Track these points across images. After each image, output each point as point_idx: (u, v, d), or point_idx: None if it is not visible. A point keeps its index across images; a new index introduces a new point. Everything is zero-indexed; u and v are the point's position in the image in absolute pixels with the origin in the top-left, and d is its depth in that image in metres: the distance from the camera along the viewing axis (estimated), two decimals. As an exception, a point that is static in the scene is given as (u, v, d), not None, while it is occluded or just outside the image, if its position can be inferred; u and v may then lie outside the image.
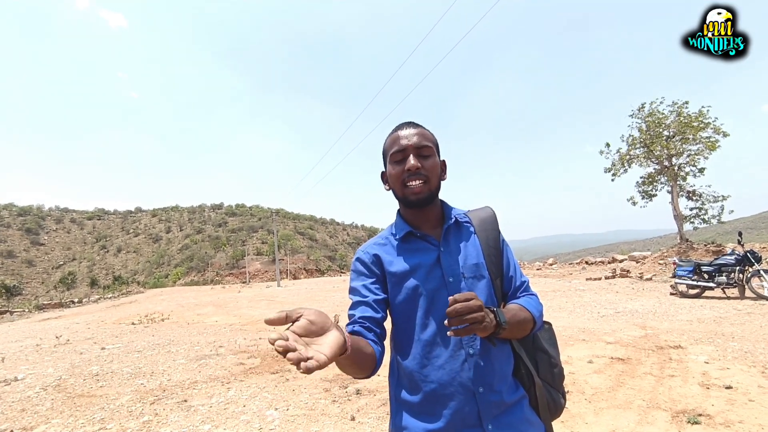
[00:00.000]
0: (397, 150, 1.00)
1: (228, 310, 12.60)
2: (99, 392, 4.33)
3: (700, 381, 3.44)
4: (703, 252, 13.16)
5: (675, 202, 15.04)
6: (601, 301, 8.43)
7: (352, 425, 3.07)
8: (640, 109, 15.80)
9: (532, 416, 0.98)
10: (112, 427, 3.32)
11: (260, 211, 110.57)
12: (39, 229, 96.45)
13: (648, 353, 4.38)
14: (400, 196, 1.03)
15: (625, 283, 11.44)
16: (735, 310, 6.52)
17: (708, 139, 14.14)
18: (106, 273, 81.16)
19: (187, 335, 8.00)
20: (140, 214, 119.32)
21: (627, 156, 15.97)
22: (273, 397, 3.85)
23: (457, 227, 1.08)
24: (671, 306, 7.34)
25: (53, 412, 3.79)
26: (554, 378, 1.06)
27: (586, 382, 3.64)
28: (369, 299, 0.98)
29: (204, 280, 55.94)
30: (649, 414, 2.88)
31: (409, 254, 1.02)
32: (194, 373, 4.88)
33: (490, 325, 0.80)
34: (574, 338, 5.29)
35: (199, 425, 3.24)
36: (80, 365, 5.72)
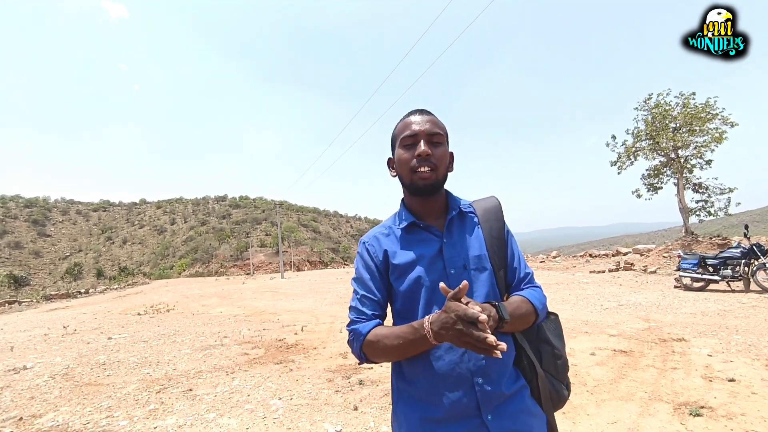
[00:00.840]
0: (408, 134, 0.99)
1: (232, 301, 12.72)
2: (106, 381, 4.40)
3: (702, 374, 3.44)
4: (708, 245, 13.07)
5: (681, 194, 14.90)
6: (605, 294, 8.42)
7: (355, 415, 3.11)
8: (646, 100, 15.59)
9: (534, 407, 0.97)
10: (119, 415, 3.38)
11: (264, 203, 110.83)
12: (45, 220, 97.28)
13: (651, 346, 4.37)
14: (408, 182, 1.01)
15: (629, 276, 11.41)
16: (740, 303, 6.49)
17: (715, 130, 13.95)
18: (111, 264, 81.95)
19: (192, 326, 8.09)
20: (145, 205, 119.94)
21: (633, 148, 15.81)
22: (277, 386, 3.89)
23: (461, 218, 1.07)
24: (675, 299, 7.31)
25: (61, 400, 3.86)
26: (558, 369, 1.05)
27: (588, 374, 3.64)
28: (377, 299, 1.02)
29: (208, 271, 56.36)
30: (650, 406, 2.88)
31: (412, 245, 1.02)
32: (199, 363, 4.94)
33: (493, 321, 0.81)
34: (577, 330, 5.30)
35: (204, 414, 3.29)
36: (87, 354, 5.81)
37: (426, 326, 0.83)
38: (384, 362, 0.98)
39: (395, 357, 0.96)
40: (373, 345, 0.94)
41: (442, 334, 0.79)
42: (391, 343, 0.91)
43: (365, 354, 0.98)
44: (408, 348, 0.90)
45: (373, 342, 0.94)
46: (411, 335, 0.87)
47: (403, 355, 0.93)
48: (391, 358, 0.96)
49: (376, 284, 1.02)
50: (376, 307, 1.01)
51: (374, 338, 0.94)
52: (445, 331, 0.78)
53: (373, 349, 0.95)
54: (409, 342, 0.88)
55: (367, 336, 0.95)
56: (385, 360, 0.97)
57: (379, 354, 0.95)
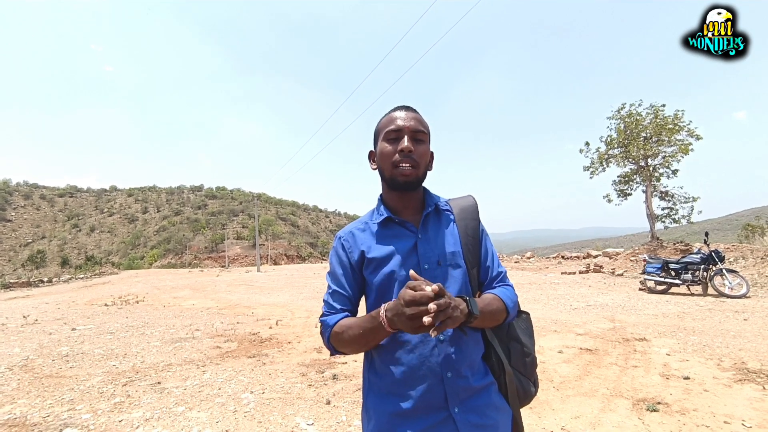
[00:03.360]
0: (393, 129, 1.00)
1: (206, 294, 12.43)
2: (68, 373, 4.23)
3: (660, 372, 3.63)
4: (672, 250, 13.72)
5: (648, 201, 15.58)
6: (575, 295, 8.72)
7: (327, 409, 3.11)
8: (619, 110, 16.23)
9: (500, 401, 1.01)
10: (82, 408, 3.26)
11: (241, 194, 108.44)
12: (6, 204, 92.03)
13: (615, 345, 4.58)
14: (388, 176, 1.02)
15: (598, 278, 11.85)
16: (697, 306, 6.87)
17: (682, 141, 14.66)
18: (78, 252, 78.37)
19: (163, 318, 7.87)
20: (115, 193, 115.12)
21: (605, 155, 16.41)
22: (249, 380, 3.85)
23: (437, 215, 1.08)
24: (639, 301, 7.66)
25: (19, 392, 3.69)
26: (526, 367, 1.08)
27: (555, 371, 3.78)
28: (348, 294, 1.04)
29: (181, 263, 54.80)
30: (611, 402, 3.03)
31: (387, 240, 1.03)
32: (169, 356, 4.82)
33: (462, 314, 0.83)
34: (547, 329, 5.47)
35: (172, 407, 3.22)
36: (49, 345, 5.57)
37: (382, 314, 0.85)
38: (352, 353, 0.99)
39: (360, 346, 0.96)
40: (339, 336, 0.96)
41: (395, 321, 0.81)
42: (354, 333, 0.93)
43: (333, 345, 1.00)
44: (369, 336, 0.91)
45: (338, 333, 0.97)
46: (370, 323, 0.89)
47: (366, 344, 0.95)
48: (356, 347, 0.97)
49: (348, 280, 1.04)
50: (345, 302, 1.03)
51: (340, 329, 0.97)
52: (396, 318, 0.80)
53: (339, 339, 0.97)
54: (369, 330, 0.89)
55: (334, 327, 0.98)
56: (351, 350, 0.98)
57: (344, 344, 0.97)
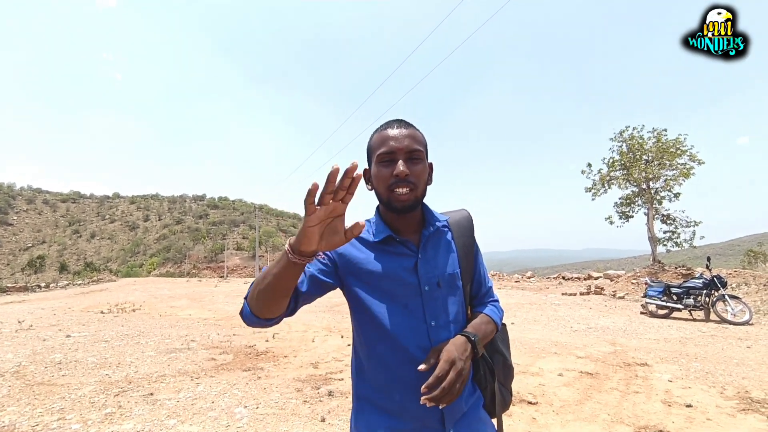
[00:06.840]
0: (385, 151, 0.93)
1: (203, 304, 12.33)
2: (60, 381, 4.17)
3: (662, 398, 3.56)
4: (673, 274, 13.62)
5: (650, 224, 15.56)
6: (575, 316, 8.62)
7: (322, 426, 3.05)
8: (621, 132, 16.40)
9: (485, 416, 1.04)
10: (72, 417, 3.20)
11: (243, 205, 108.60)
12: (8, 208, 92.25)
13: (616, 369, 4.50)
14: (385, 200, 0.97)
15: (599, 300, 11.73)
16: (700, 332, 6.77)
17: (683, 165, 14.74)
18: (77, 258, 78.13)
19: (159, 327, 7.78)
20: (118, 200, 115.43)
21: (607, 177, 16.50)
22: (243, 394, 3.78)
23: (437, 234, 1.06)
24: (640, 325, 7.56)
25: (9, 399, 3.63)
26: (506, 378, 1.11)
27: (555, 394, 3.71)
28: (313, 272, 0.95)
29: (180, 272, 54.53)
30: (612, 428, 2.96)
31: (387, 257, 0.98)
32: (163, 367, 4.76)
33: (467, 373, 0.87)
34: (547, 351, 5.39)
35: (164, 420, 3.16)
36: (42, 352, 5.50)
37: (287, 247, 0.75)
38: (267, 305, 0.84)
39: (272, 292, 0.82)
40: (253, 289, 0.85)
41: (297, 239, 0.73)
42: (262, 277, 0.82)
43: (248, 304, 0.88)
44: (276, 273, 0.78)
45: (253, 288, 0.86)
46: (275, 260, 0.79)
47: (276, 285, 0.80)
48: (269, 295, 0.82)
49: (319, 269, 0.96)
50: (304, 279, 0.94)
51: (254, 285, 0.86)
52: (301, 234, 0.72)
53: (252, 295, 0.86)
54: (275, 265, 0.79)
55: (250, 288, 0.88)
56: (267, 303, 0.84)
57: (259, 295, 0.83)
